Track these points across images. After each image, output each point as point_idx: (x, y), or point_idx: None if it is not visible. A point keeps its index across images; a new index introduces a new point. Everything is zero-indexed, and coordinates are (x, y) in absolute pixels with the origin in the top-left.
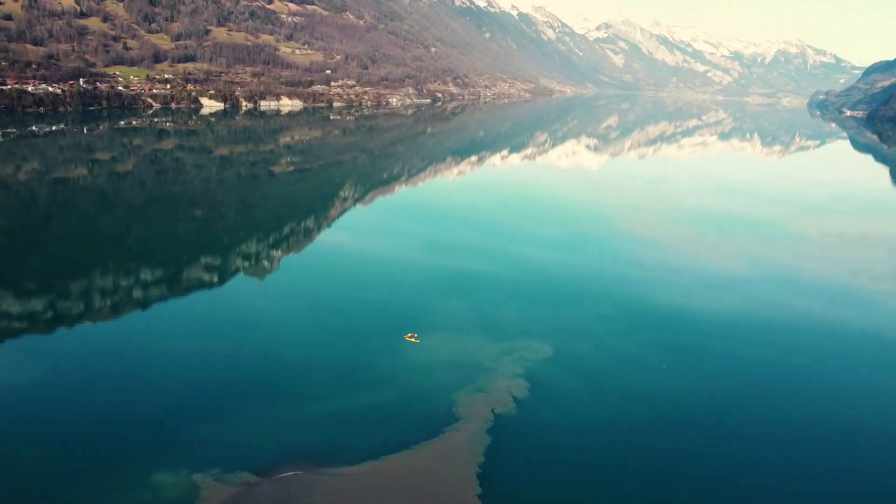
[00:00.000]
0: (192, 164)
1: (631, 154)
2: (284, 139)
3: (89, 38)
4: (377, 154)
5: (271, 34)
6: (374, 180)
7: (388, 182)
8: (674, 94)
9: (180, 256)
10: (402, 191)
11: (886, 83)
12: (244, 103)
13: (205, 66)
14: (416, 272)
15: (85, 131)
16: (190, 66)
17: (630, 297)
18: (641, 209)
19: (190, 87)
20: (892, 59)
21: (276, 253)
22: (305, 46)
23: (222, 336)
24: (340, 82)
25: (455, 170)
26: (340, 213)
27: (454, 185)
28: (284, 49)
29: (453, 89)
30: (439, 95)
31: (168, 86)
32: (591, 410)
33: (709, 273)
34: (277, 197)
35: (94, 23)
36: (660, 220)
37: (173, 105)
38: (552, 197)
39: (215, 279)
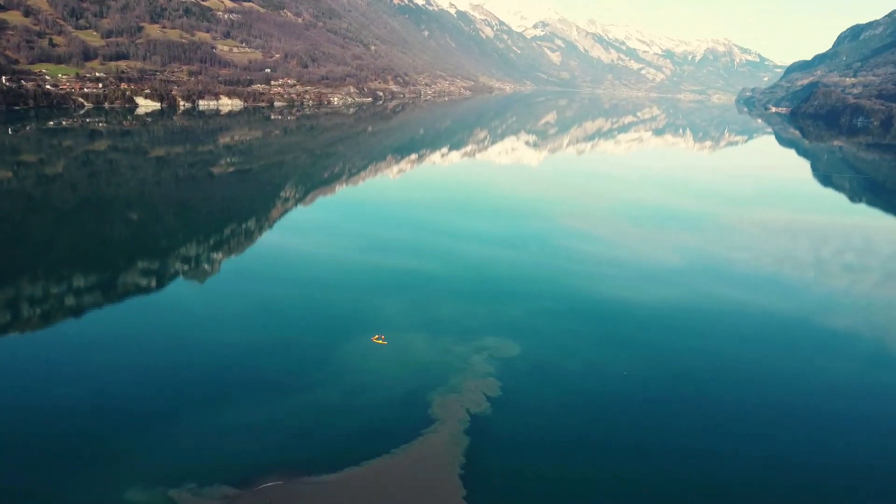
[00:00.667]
0: (127, 166)
1: (569, 150)
2: (224, 139)
3: (10, 33)
4: (318, 154)
5: (207, 31)
6: (315, 180)
7: (329, 182)
8: (610, 91)
9: (116, 261)
10: (343, 190)
11: (805, 81)
12: (182, 103)
13: (138, 63)
14: (362, 271)
15: (10, 132)
16: (123, 63)
17: (572, 291)
18: (580, 204)
19: (124, 86)
20: (809, 58)
21: (217, 256)
22: (244, 45)
23: (167, 343)
24: (281, 81)
25: (395, 168)
26: (282, 214)
27: (395, 183)
28: (222, 47)
29: (394, 88)
30: (381, 94)
31: (100, 84)
32: (556, 406)
33: (646, 265)
34: (217, 198)
35: (14, 17)
36: (598, 215)
37: (107, 105)
38: (493, 193)
39: (153, 284)
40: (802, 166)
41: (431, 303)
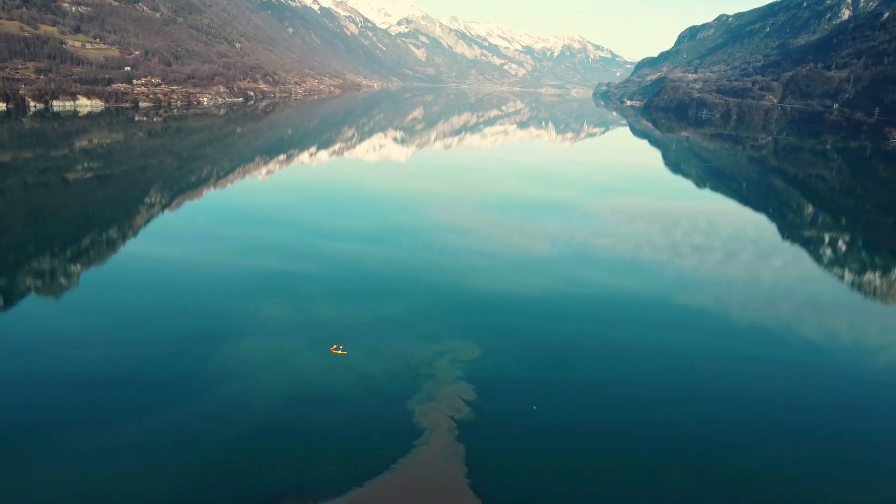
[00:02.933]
0: None
1: (437, 145)
2: (81, 143)
3: None
4: (185, 157)
5: (54, 25)
6: (182, 184)
7: (196, 185)
8: (475, 86)
9: None
10: (211, 194)
11: (654, 77)
12: (32, 103)
13: None
14: (235, 276)
15: None
16: None
17: (447, 284)
18: (450, 198)
19: None
20: (656, 55)
21: (75, 268)
22: (97, 40)
23: (24, 365)
24: (144, 80)
25: (264, 170)
26: (147, 221)
27: (264, 185)
28: (73, 43)
29: (264, 87)
30: (251, 93)
31: None
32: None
33: (517, 255)
34: (73, 207)
35: None
36: (468, 208)
37: None
38: (362, 191)
39: None
40: (655, 155)
41: (307, 304)
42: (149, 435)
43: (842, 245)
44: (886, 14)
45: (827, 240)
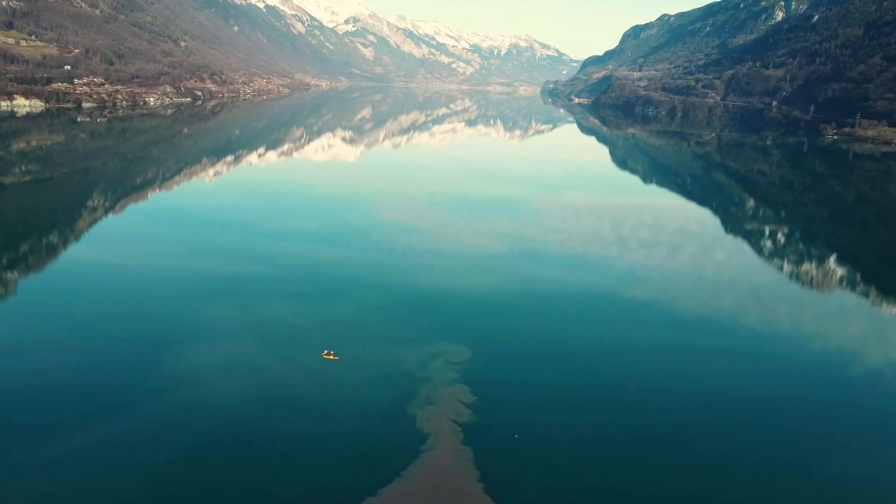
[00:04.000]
0: None
1: (386, 144)
2: (19, 145)
3: None
4: (130, 158)
5: None
6: (126, 187)
7: (141, 188)
8: (423, 85)
9: None
10: (156, 196)
11: (600, 75)
12: None
13: None
14: (184, 280)
15: None
16: None
17: (398, 284)
18: (400, 197)
19: None
20: (601, 54)
21: (12, 275)
22: (33, 37)
23: None
24: (87, 80)
25: (211, 171)
26: (90, 225)
27: (211, 186)
28: (6, 39)
29: (212, 87)
30: (199, 93)
31: None
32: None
33: (468, 253)
34: (9, 212)
35: None
36: (418, 206)
37: None
38: (312, 192)
39: None
40: (602, 152)
41: (257, 306)
42: (94, 447)
43: (781, 237)
44: (816, 16)
45: (767, 232)
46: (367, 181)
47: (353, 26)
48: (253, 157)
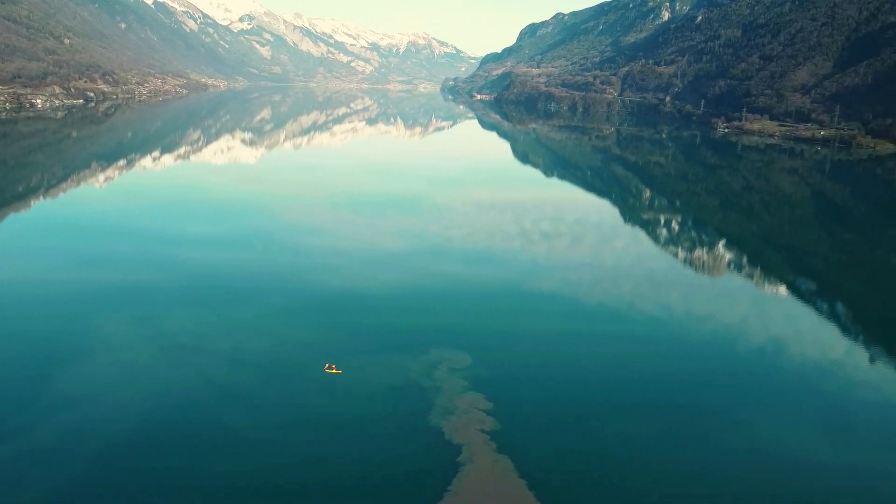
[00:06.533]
0: None
1: (286, 145)
2: None
3: None
4: (11, 164)
5: None
6: (6, 195)
7: (23, 196)
8: (323, 84)
9: None
10: (40, 204)
11: (499, 71)
12: None
13: None
14: (75, 291)
15: None
16: None
17: (302, 285)
18: (301, 197)
19: None
20: (499, 51)
21: None
22: None
23: None
24: None
25: (102, 177)
26: None
27: (101, 193)
28: None
29: (105, 88)
30: (91, 95)
31: None
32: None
33: (371, 252)
34: None
35: None
36: (320, 207)
37: None
38: (211, 195)
39: None
40: (504, 147)
41: (157, 315)
42: None
43: (675, 225)
44: (700, 17)
45: (662, 221)
46: (268, 183)
47: (249, 24)
48: (147, 161)
